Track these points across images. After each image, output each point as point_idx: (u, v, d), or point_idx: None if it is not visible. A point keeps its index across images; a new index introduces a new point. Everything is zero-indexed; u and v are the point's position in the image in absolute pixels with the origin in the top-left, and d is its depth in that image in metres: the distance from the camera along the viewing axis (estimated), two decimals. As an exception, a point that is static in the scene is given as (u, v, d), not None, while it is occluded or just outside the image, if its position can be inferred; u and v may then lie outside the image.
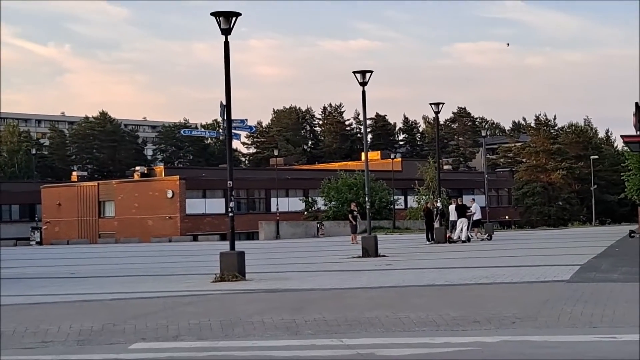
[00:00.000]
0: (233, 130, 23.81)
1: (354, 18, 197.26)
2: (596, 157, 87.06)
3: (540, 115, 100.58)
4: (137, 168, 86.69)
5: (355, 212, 42.63)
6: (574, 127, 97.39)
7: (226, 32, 20.27)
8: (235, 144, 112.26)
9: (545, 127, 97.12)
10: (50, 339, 11.26)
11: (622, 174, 54.86)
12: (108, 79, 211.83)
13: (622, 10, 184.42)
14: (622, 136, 34.39)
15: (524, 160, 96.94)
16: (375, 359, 9.17)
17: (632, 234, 35.24)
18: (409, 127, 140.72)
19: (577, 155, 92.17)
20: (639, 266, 18.45)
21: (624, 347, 9.36)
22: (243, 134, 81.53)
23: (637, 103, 34.56)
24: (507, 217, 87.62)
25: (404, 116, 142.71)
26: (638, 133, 34.66)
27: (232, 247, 20.12)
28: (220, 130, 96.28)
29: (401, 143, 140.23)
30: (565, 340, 9.91)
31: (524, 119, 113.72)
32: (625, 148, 45.54)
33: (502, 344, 9.81)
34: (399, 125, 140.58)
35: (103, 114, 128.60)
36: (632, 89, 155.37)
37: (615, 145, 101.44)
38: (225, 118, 22.19)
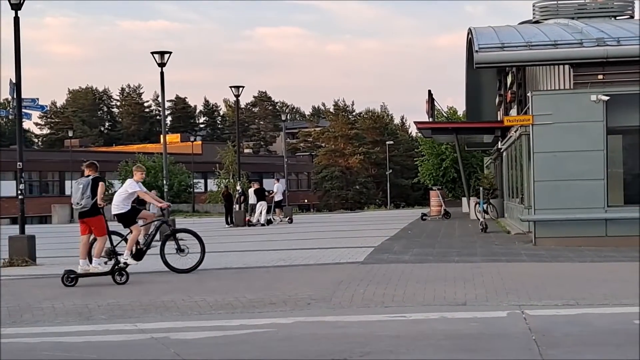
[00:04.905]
0: (24, 110, 22.90)
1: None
2: (391, 142, 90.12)
3: (339, 101, 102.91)
4: None
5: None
6: (371, 113, 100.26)
7: (16, 7, 19.74)
8: (28, 124, 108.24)
9: (343, 113, 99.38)
10: None
11: (415, 159, 56.99)
12: None
13: (416, 2, 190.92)
14: (415, 122, 35.62)
15: (323, 144, 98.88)
16: (169, 342, 9.03)
17: (423, 217, 36.79)
18: (210, 110, 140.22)
19: (374, 140, 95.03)
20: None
21: (413, 325, 9.65)
22: (35, 113, 78.61)
23: (429, 90, 35.96)
24: (306, 200, 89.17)
25: (205, 99, 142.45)
26: (430, 120, 36.05)
27: (22, 231, 19.74)
28: (10, 110, 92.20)
29: (202, 126, 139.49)
30: (358, 320, 10.13)
31: (324, 105, 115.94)
32: (419, 134, 47.25)
33: (297, 324, 9.91)
34: (200, 108, 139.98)
35: None
36: (424, 77, 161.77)
37: (409, 131, 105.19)
38: (15, 97, 21.39)
